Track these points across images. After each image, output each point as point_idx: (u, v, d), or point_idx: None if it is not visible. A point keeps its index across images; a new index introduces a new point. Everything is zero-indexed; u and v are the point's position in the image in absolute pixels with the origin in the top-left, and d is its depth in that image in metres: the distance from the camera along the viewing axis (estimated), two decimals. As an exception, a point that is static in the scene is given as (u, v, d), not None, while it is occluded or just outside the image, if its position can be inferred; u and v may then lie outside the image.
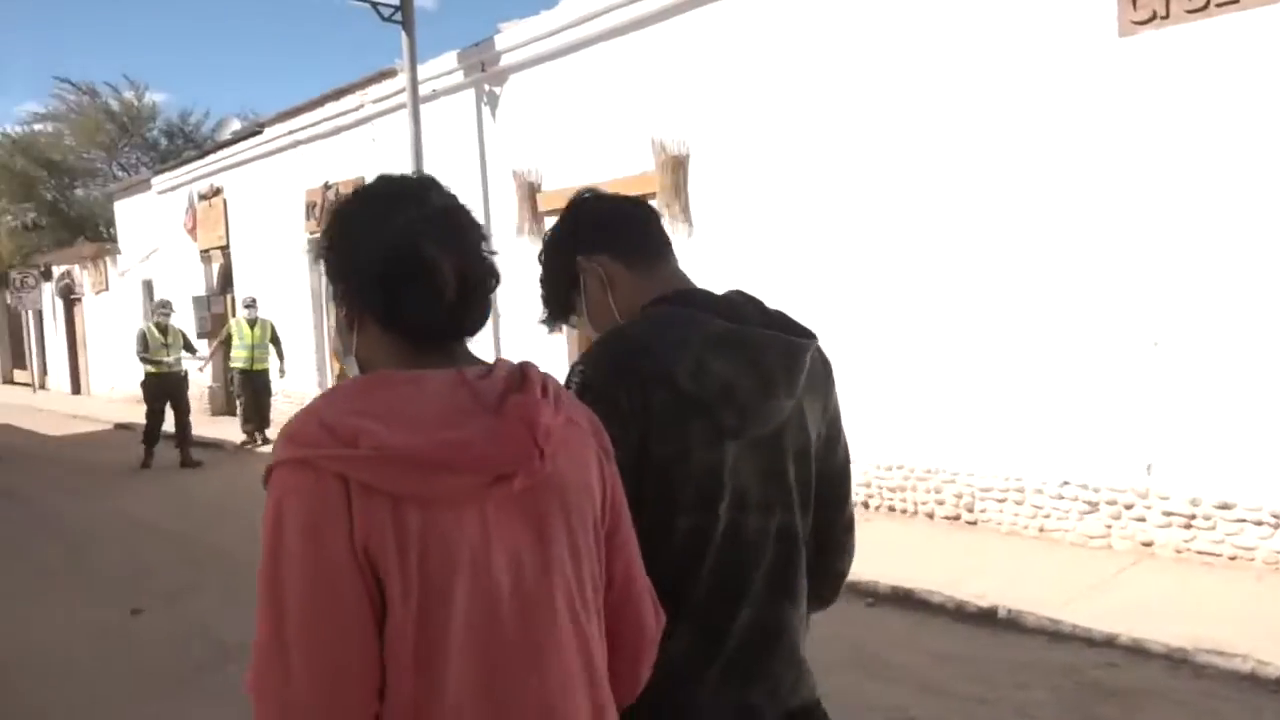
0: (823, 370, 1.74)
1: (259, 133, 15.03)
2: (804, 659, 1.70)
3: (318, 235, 13.48)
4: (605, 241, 1.71)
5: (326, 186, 13.07)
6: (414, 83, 10.50)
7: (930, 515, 6.82)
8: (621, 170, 8.79)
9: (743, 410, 1.55)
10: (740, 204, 7.93)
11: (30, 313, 25.59)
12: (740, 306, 1.65)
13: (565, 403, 1.27)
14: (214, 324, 15.35)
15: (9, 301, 25.88)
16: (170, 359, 11.66)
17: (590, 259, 1.70)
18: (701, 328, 1.55)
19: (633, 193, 8.01)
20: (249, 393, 12.86)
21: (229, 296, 15.89)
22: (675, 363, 1.51)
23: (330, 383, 13.61)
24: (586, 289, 1.71)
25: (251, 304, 13.08)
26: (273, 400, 13.21)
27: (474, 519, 1.14)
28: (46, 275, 25.21)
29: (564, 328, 1.76)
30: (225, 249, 16.12)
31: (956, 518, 6.68)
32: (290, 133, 13.90)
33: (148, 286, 18.82)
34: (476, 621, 1.13)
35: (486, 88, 10.40)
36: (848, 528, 1.87)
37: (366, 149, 12.36)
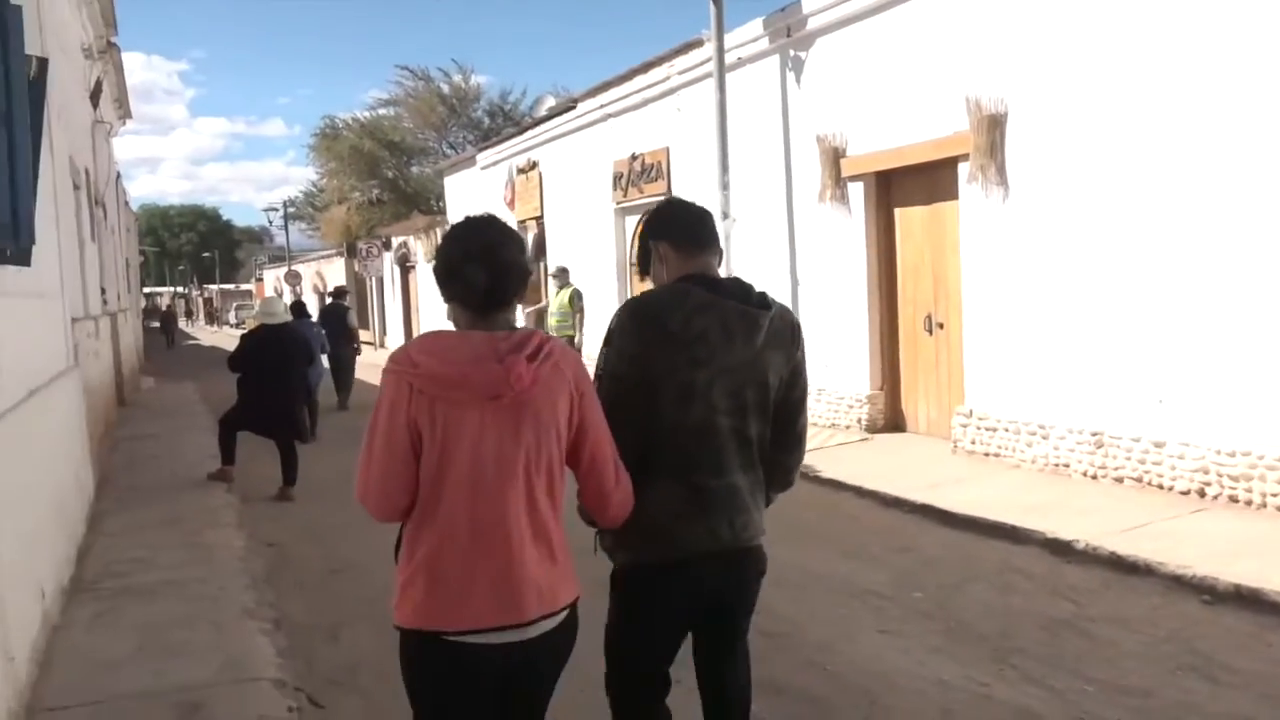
0: (789, 333, 2.63)
1: (572, 108, 15.81)
2: (753, 509, 2.61)
3: (624, 205, 14.04)
4: (666, 233, 2.65)
5: (633, 157, 13.54)
6: (720, 51, 10.59)
7: (1281, 510, 6.06)
8: (930, 131, 8.43)
9: (712, 350, 2.47)
10: (1063, 166, 7.37)
11: (373, 279, 28.57)
12: (729, 288, 2.55)
13: (555, 358, 2.18)
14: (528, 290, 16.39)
15: (356, 269, 29.01)
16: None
17: (657, 243, 2.65)
18: (691, 297, 2.49)
19: (943, 155, 7.72)
20: None
21: (542, 264, 16.92)
22: (670, 316, 2.47)
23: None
24: (653, 260, 2.67)
25: (559, 273, 13.88)
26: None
27: (475, 415, 2.12)
28: (386, 245, 27.99)
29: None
30: (540, 219, 17.15)
31: (1315, 514, 5.89)
32: (601, 107, 14.50)
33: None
34: (469, 461, 2.12)
35: (791, 53, 10.30)
36: (798, 438, 2.73)
37: (672, 119, 12.67)
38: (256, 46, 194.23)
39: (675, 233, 2.64)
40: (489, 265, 2.17)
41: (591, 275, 14.62)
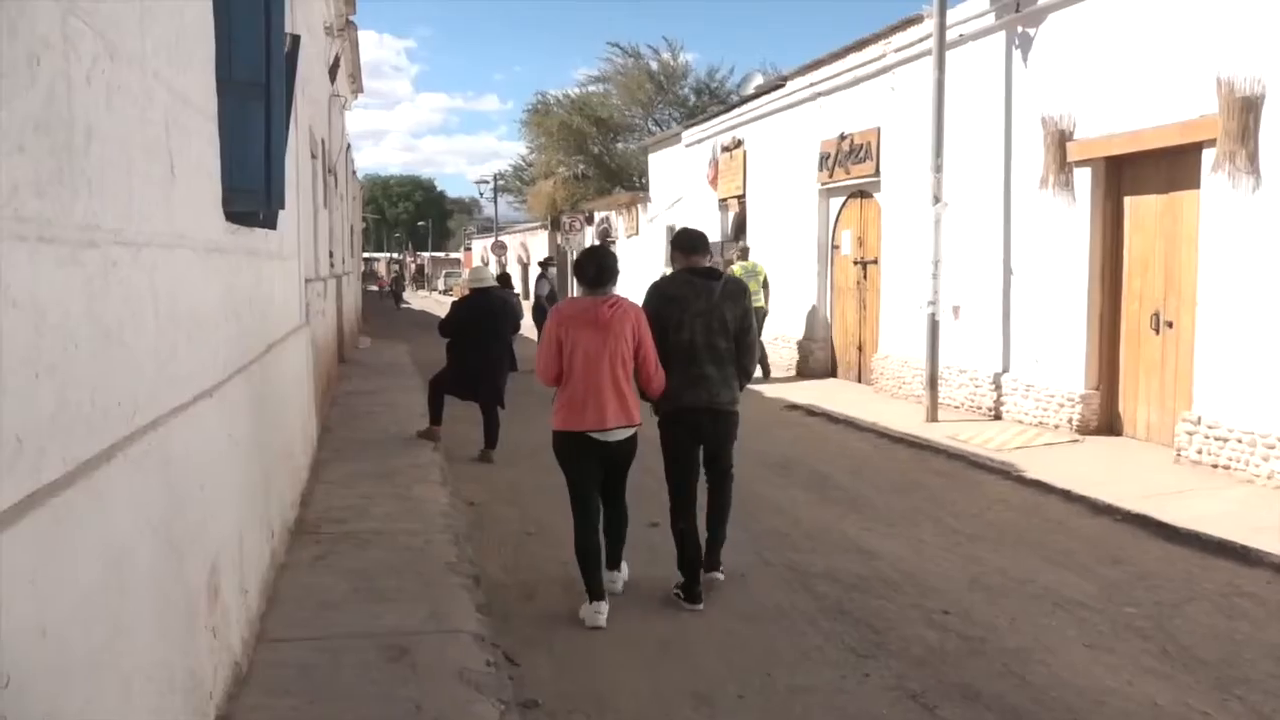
0: (737, 291, 5.09)
1: (781, 86, 15.61)
2: (721, 387, 5.02)
3: (829, 186, 13.79)
4: (678, 245, 5.24)
5: (842, 137, 13.24)
6: (941, 28, 10.18)
7: None
8: (1171, 114, 7.81)
9: (688, 303, 4.98)
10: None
11: (574, 252, 29.31)
12: (702, 272, 5.09)
13: (624, 306, 4.78)
14: (724, 269, 16.48)
15: (559, 241, 29.83)
16: None
17: (673, 250, 5.28)
18: (679, 278, 5.10)
19: (1186, 140, 7.18)
20: None
21: (740, 243, 16.88)
22: (668, 288, 5.11)
23: (825, 317, 13.95)
24: (672, 255, 5.36)
25: (744, 253, 14.47)
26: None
27: (586, 333, 4.70)
28: (589, 220, 28.61)
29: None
30: (741, 198, 17.07)
31: None
32: (810, 85, 14.25)
33: (670, 232, 20.55)
34: (584, 355, 4.69)
35: (1019, 29, 9.77)
36: (748, 346, 5.13)
37: (884, 99, 12.30)
38: (478, 24, 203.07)
39: (681, 246, 5.16)
40: (597, 267, 4.80)
41: (792, 255, 14.46)
